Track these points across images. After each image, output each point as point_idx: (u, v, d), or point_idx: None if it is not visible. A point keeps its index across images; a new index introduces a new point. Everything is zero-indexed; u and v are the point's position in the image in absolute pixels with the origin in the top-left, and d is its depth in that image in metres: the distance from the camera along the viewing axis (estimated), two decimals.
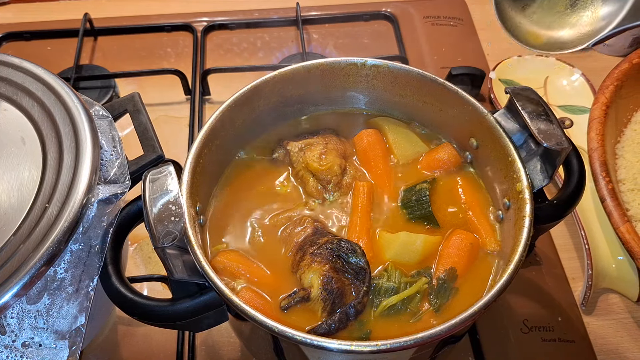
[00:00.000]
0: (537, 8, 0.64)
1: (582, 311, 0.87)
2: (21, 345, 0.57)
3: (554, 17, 0.64)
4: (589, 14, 0.62)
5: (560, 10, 0.64)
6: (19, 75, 0.70)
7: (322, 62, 0.78)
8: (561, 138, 0.64)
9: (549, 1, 0.64)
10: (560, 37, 0.63)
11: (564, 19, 0.64)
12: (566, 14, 0.64)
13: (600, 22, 0.60)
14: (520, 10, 0.65)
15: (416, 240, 0.69)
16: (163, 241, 0.57)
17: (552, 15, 0.64)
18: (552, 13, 0.65)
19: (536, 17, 0.64)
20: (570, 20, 0.63)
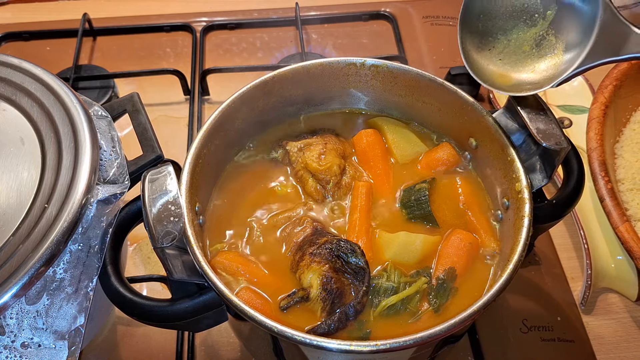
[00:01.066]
0: (503, 49, 0.65)
1: (581, 311, 0.87)
2: (20, 345, 0.57)
3: (520, 59, 0.65)
4: (554, 54, 0.63)
5: (526, 50, 0.65)
6: (18, 76, 0.70)
7: (321, 62, 0.78)
8: (560, 138, 0.64)
9: (514, 42, 0.65)
10: (528, 78, 0.64)
11: (531, 60, 0.64)
12: (532, 54, 0.64)
13: (565, 63, 0.61)
14: (486, 53, 0.66)
15: (415, 240, 0.69)
16: (162, 241, 0.57)
17: (518, 57, 0.65)
18: (518, 55, 0.65)
19: (503, 60, 0.65)
20: (537, 61, 0.64)
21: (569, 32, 0.61)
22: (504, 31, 0.65)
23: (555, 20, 0.63)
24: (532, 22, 0.64)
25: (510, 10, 0.64)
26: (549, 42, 0.63)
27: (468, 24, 0.66)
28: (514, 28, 0.65)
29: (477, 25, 0.66)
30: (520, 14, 0.64)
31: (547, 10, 0.63)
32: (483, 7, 0.65)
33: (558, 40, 0.62)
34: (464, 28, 0.66)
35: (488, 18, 0.65)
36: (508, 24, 0.65)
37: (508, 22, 0.65)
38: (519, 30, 0.65)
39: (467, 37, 0.66)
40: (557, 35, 0.63)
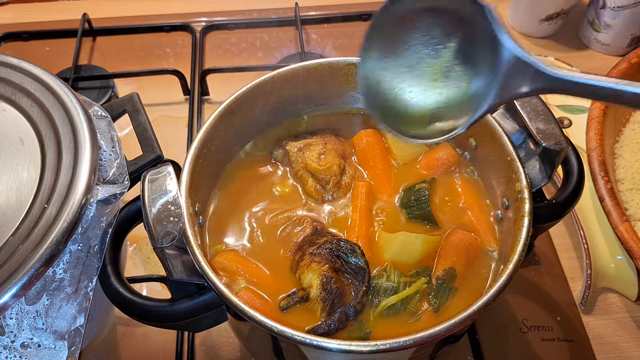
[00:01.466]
0: (412, 84, 0.61)
1: (581, 311, 0.87)
2: (20, 345, 0.56)
3: (429, 94, 0.61)
4: (463, 92, 0.59)
5: (436, 84, 0.60)
6: (18, 76, 0.70)
7: (321, 62, 0.78)
8: (560, 138, 0.64)
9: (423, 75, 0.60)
10: (436, 127, 0.61)
11: (440, 97, 0.60)
12: (441, 89, 0.60)
13: (474, 102, 0.57)
14: (395, 91, 0.61)
15: (415, 240, 0.69)
16: (162, 241, 0.57)
17: (427, 92, 0.61)
18: (427, 88, 0.61)
19: (412, 93, 0.61)
20: (446, 100, 0.60)
21: (475, 68, 0.57)
22: (410, 67, 0.60)
23: (460, 54, 0.59)
24: (437, 55, 0.59)
25: (414, 46, 0.60)
26: (456, 76, 0.59)
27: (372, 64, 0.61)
28: (420, 62, 0.60)
29: (381, 64, 0.61)
30: (424, 49, 0.60)
31: (449, 42, 0.58)
32: (383, 49, 0.61)
33: (465, 75, 0.59)
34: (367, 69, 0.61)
35: (391, 58, 0.61)
36: (413, 58, 0.60)
37: (413, 57, 0.60)
38: (426, 63, 0.60)
39: (371, 75, 0.62)
40: (464, 70, 0.59)
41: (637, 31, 1.18)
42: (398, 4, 0.57)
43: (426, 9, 0.57)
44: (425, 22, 0.58)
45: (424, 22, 0.58)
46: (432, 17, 0.58)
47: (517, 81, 0.54)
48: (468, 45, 0.57)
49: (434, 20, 0.58)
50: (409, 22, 0.59)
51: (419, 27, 0.59)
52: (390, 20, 0.59)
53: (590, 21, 1.22)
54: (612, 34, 1.19)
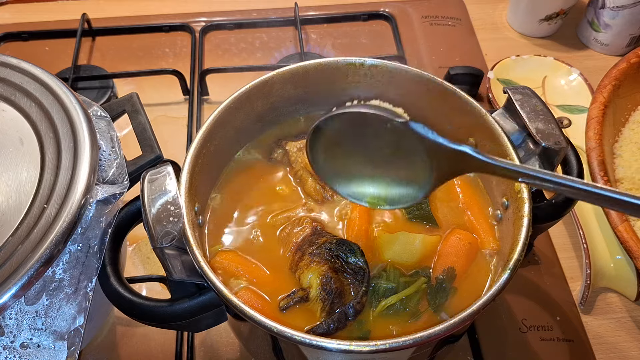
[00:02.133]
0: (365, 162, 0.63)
1: (580, 310, 0.87)
2: (20, 346, 0.56)
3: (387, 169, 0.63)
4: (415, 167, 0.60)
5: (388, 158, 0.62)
6: (17, 76, 0.70)
7: (320, 62, 0.78)
8: (559, 137, 0.64)
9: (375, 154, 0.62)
10: (400, 194, 0.63)
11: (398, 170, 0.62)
12: (397, 163, 0.62)
13: (423, 182, 0.61)
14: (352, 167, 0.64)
15: (415, 240, 0.69)
16: (162, 241, 0.57)
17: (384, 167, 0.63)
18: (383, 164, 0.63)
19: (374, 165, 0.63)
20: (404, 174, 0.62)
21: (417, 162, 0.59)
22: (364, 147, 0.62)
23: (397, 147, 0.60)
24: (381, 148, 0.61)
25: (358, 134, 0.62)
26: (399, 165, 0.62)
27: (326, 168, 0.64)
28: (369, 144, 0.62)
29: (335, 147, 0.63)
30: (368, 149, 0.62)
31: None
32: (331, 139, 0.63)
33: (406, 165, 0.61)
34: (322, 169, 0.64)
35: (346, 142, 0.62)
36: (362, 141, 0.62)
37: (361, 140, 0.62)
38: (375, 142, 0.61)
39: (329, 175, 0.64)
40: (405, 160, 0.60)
41: (636, 31, 1.18)
42: (325, 123, 0.61)
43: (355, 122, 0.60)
44: (358, 129, 0.61)
45: (356, 128, 0.61)
46: (365, 128, 0.60)
47: (450, 166, 0.57)
48: (405, 143, 0.59)
49: (369, 129, 0.60)
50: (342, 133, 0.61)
51: (356, 136, 0.61)
52: (323, 136, 0.62)
53: (589, 21, 1.22)
54: (612, 33, 1.19)
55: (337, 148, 0.63)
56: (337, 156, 0.63)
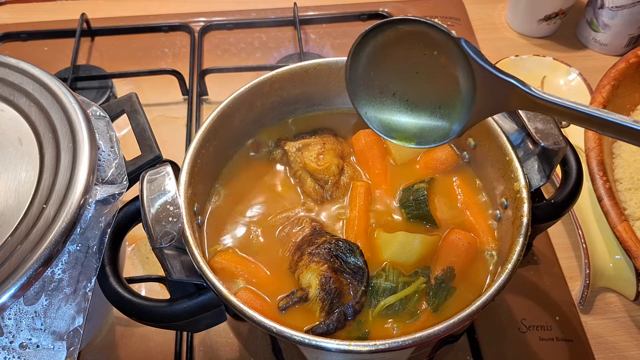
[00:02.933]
0: (405, 93, 0.62)
1: (579, 310, 0.87)
2: (19, 346, 0.56)
3: (423, 99, 0.62)
4: (454, 101, 0.60)
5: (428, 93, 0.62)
6: (16, 76, 0.70)
7: (319, 62, 0.78)
8: (558, 137, 0.64)
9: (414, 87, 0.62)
10: (432, 124, 0.62)
11: (433, 104, 0.62)
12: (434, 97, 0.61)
13: (459, 117, 0.59)
14: (389, 100, 0.63)
15: (414, 240, 0.69)
16: (161, 242, 0.57)
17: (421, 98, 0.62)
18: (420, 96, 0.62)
19: (409, 101, 0.62)
20: (438, 106, 0.62)
21: (460, 88, 0.59)
22: (398, 76, 0.62)
23: (443, 68, 0.60)
24: (422, 65, 0.61)
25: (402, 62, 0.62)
26: (443, 85, 0.61)
27: (362, 83, 0.64)
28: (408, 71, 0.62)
29: (372, 81, 0.63)
30: (414, 67, 0.61)
31: (433, 56, 0.59)
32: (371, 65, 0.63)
33: (454, 90, 0.60)
34: (357, 87, 0.63)
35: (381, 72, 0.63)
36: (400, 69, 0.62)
37: (400, 68, 0.62)
38: (414, 73, 0.61)
39: (363, 92, 0.64)
40: (450, 83, 0.60)
41: (635, 31, 1.18)
42: (377, 31, 0.60)
43: (404, 33, 0.59)
44: (408, 45, 0.60)
45: (407, 45, 0.60)
46: (413, 42, 0.59)
47: (496, 100, 0.56)
48: (451, 66, 0.58)
49: (416, 44, 0.59)
50: (392, 46, 0.61)
51: (402, 50, 0.60)
52: (373, 44, 0.62)
53: (588, 21, 1.22)
54: (611, 33, 1.19)
55: (380, 60, 0.61)
56: (378, 70, 0.62)
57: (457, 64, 0.57)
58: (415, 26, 0.58)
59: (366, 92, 0.63)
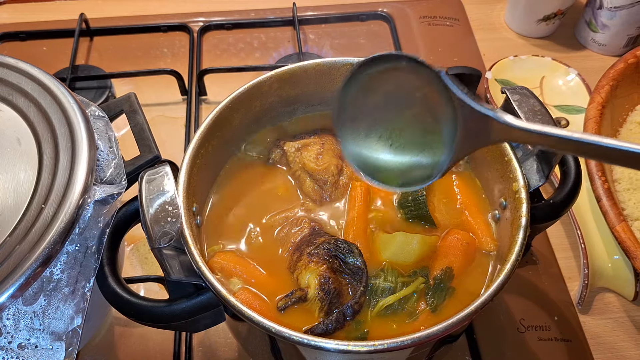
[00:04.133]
0: (390, 135, 0.63)
1: (578, 310, 0.87)
2: (17, 346, 0.56)
3: (408, 143, 0.63)
4: (437, 142, 0.61)
5: (414, 134, 0.63)
6: (15, 76, 0.70)
7: (318, 62, 0.78)
8: None
9: (400, 126, 0.63)
10: (417, 168, 0.63)
11: (418, 145, 0.63)
12: (419, 139, 0.63)
13: (443, 154, 0.60)
14: (374, 141, 0.64)
15: (413, 241, 0.69)
16: (160, 242, 0.57)
17: (406, 142, 0.63)
18: (407, 139, 0.63)
19: (393, 145, 0.63)
20: (422, 149, 0.63)
21: (442, 124, 0.59)
22: (388, 119, 0.63)
23: (428, 108, 0.61)
24: (409, 107, 0.62)
25: (387, 100, 0.63)
26: (427, 128, 0.62)
27: (348, 121, 0.64)
28: (396, 115, 0.63)
29: (358, 121, 0.64)
30: (398, 104, 0.62)
31: (419, 95, 0.60)
32: (358, 104, 0.64)
33: (434, 128, 0.60)
34: (344, 125, 0.64)
35: (365, 113, 0.64)
36: (388, 112, 0.63)
37: (388, 110, 0.63)
38: (401, 114, 0.63)
39: (349, 131, 0.64)
40: (433, 123, 0.61)
41: (634, 31, 1.18)
42: (365, 68, 0.60)
43: (390, 69, 0.60)
44: (393, 81, 0.61)
45: (392, 81, 0.61)
46: (398, 78, 0.60)
47: (478, 134, 0.56)
48: (433, 100, 0.59)
49: (401, 80, 0.60)
50: (378, 82, 0.62)
51: (389, 86, 0.61)
52: (360, 81, 0.62)
53: (587, 21, 1.22)
54: (609, 34, 1.19)
55: (367, 101, 0.62)
56: (365, 111, 0.63)
57: (440, 99, 0.57)
58: (398, 62, 0.59)
59: (352, 134, 0.64)
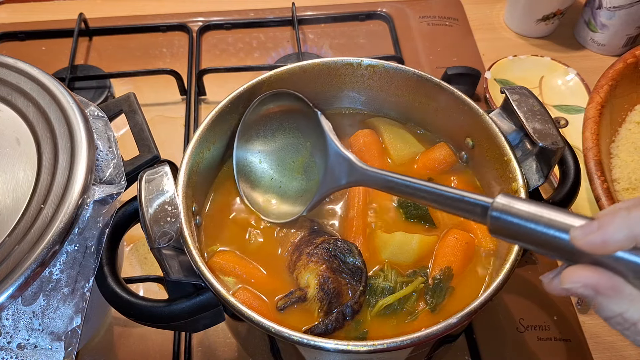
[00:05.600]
0: (281, 179, 0.76)
1: (577, 310, 0.87)
2: (16, 346, 0.56)
3: (294, 186, 0.75)
4: (314, 181, 0.73)
5: (298, 177, 0.75)
6: (14, 76, 0.70)
7: (317, 62, 0.78)
8: (556, 137, 0.64)
9: (289, 169, 0.76)
10: (296, 206, 0.73)
11: (302, 186, 0.75)
12: (303, 180, 0.75)
13: (317, 191, 0.70)
14: (267, 183, 0.76)
15: (412, 240, 0.69)
16: (159, 242, 0.57)
17: (293, 185, 0.76)
18: (293, 182, 0.76)
19: (282, 187, 0.76)
20: (306, 187, 0.74)
21: (320, 165, 0.71)
22: (281, 162, 0.76)
23: (312, 152, 0.74)
24: (298, 152, 0.76)
25: (281, 145, 0.76)
26: (313, 169, 0.74)
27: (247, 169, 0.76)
28: (287, 158, 0.76)
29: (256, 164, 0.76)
30: (289, 147, 0.76)
31: (307, 142, 0.74)
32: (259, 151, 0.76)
33: (319, 168, 0.72)
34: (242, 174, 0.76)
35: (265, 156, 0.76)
36: (281, 154, 0.76)
37: (280, 153, 0.76)
38: (292, 158, 0.76)
39: (245, 177, 0.76)
40: (317, 164, 0.73)
41: (633, 31, 1.18)
42: (260, 106, 0.74)
43: (282, 110, 0.74)
44: (287, 123, 0.75)
45: (286, 122, 0.75)
46: (291, 119, 0.74)
47: (339, 173, 0.67)
48: (316, 142, 0.70)
49: (293, 121, 0.74)
50: (274, 122, 0.75)
51: (283, 126, 0.76)
52: (256, 119, 0.75)
53: (586, 21, 1.22)
54: (608, 34, 1.19)
55: (264, 140, 0.75)
56: (263, 151, 0.75)
57: (319, 140, 0.69)
58: (287, 101, 0.72)
59: (246, 174, 0.76)
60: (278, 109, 0.73)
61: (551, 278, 0.48)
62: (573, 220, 0.43)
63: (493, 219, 0.47)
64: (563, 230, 0.43)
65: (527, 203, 0.46)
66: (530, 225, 0.45)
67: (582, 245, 0.42)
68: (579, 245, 0.42)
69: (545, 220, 0.44)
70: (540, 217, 0.44)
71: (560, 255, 0.45)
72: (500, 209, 0.47)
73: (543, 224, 0.44)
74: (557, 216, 0.44)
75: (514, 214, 0.46)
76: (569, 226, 0.43)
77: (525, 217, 0.45)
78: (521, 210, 0.45)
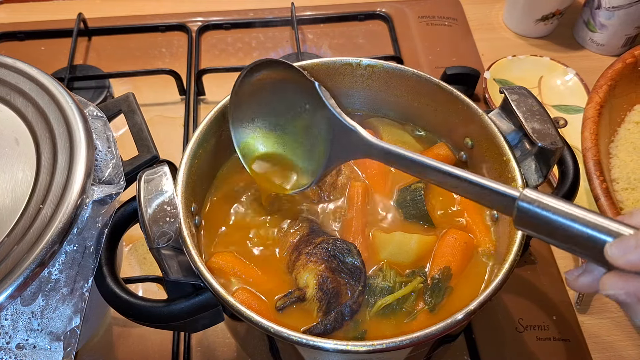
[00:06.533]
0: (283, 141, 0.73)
1: (576, 310, 0.87)
2: (15, 346, 0.56)
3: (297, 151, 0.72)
4: (319, 150, 0.69)
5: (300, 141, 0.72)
6: (13, 76, 0.70)
7: (317, 62, 0.78)
8: (555, 137, 0.64)
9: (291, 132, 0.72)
10: (297, 181, 0.72)
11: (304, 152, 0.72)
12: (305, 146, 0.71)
13: (322, 163, 0.68)
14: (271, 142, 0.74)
15: (411, 240, 0.69)
16: (158, 242, 0.57)
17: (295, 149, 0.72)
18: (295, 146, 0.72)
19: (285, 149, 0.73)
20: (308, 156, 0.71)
21: (324, 136, 0.67)
22: (282, 125, 0.72)
23: (313, 121, 0.69)
24: (298, 114, 0.71)
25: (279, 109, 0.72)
26: (316, 140, 0.70)
27: (244, 125, 0.73)
28: (287, 122, 0.72)
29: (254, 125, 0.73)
30: (288, 110, 0.71)
31: (306, 104, 0.69)
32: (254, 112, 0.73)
33: (323, 139, 0.68)
34: (239, 129, 0.73)
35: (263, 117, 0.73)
36: (280, 119, 0.72)
37: (280, 117, 0.72)
38: (292, 122, 0.71)
39: (245, 134, 0.73)
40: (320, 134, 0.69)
41: (632, 31, 1.18)
42: (253, 74, 0.71)
43: (274, 80, 0.70)
44: (282, 91, 0.71)
45: (281, 91, 0.71)
46: (285, 88, 0.70)
47: (346, 144, 0.64)
48: (314, 111, 0.68)
49: (288, 90, 0.70)
50: (267, 91, 0.71)
51: (278, 95, 0.71)
52: (249, 88, 0.72)
53: (585, 21, 1.22)
54: (608, 34, 1.20)
55: (257, 100, 0.72)
56: (256, 108, 0.72)
57: (318, 110, 0.66)
58: (283, 70, 0.67)
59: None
60: (269, 79, 0.70)
61: (576, 276, 0.48)
62: (609, 224, 0.43)
63: (521, 211, 0.48)
64: (602, 232, 0.43)
65: (557, 199, 0.46)
66: (566, 222, 0.45)
67: (622, 264, 0.42)
68: (618, 265, 0.42)
69: (581, 220, 0.44)
70: (576, 216, 0.45)
71: (592, 257, 0.45)
72: (530, 201, 0.47)
73: (580, 222, 0.44)
74: (595, 219, 0.44)
75: (547, 209, 0.46)
76: (607, 229, 0.43)
77: (561, 213, 0.45)
78: (556, 207, 0.46)
